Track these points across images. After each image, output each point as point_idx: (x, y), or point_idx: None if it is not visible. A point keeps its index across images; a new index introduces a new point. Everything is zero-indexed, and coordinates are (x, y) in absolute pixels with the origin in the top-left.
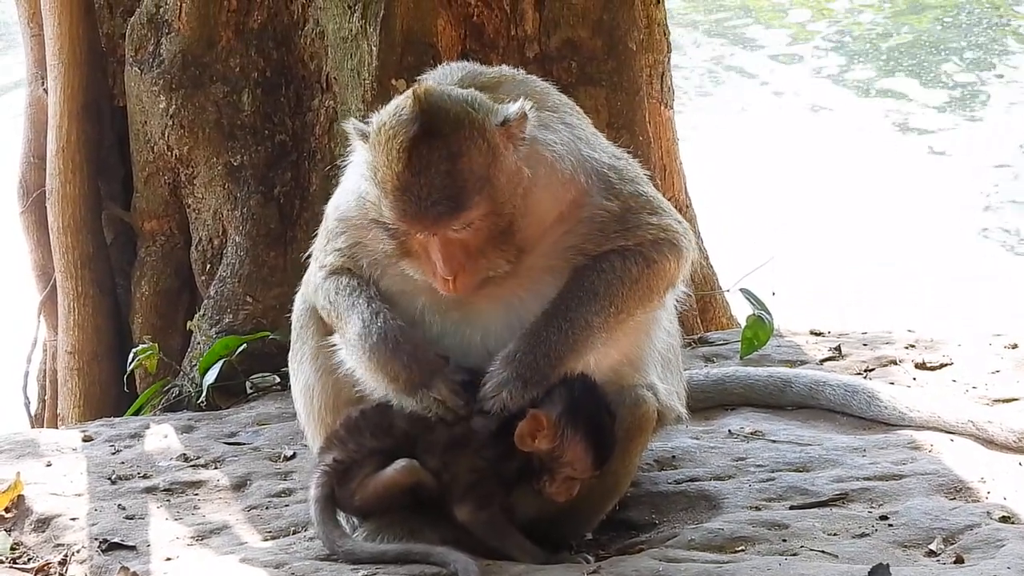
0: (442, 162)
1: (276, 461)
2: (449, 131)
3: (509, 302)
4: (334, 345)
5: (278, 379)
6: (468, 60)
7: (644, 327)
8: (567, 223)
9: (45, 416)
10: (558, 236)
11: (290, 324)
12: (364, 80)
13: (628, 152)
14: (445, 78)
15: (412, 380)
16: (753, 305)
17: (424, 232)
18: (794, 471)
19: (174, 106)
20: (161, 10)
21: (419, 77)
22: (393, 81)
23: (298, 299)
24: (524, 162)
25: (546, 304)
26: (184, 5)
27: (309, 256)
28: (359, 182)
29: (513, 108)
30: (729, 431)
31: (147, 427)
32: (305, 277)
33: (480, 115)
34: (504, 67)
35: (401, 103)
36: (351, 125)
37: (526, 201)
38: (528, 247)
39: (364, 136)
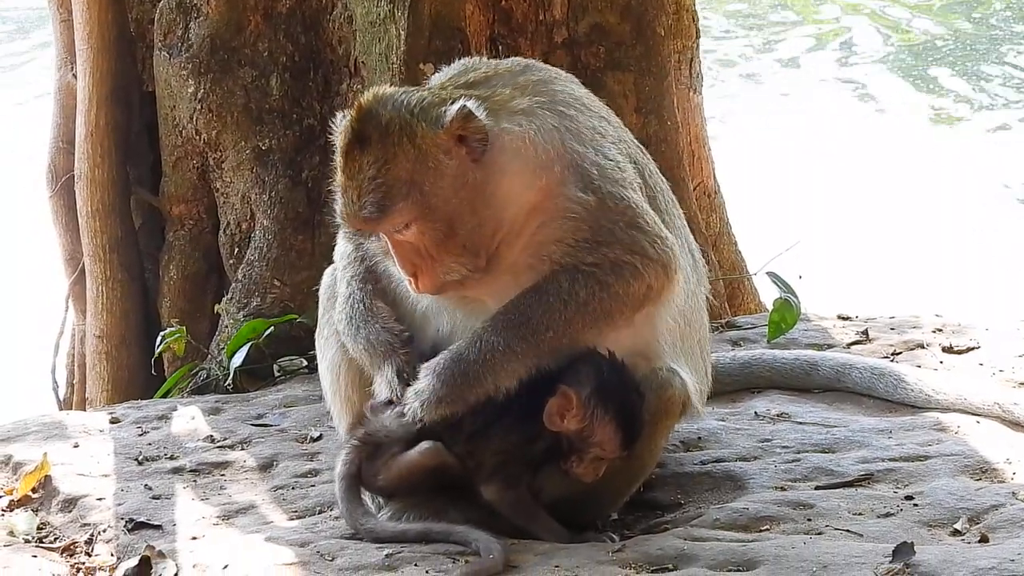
0: (369, 168)
1: (303, 442)
2: (377, 138)
3: (509, 296)
4: None
5: (305, 362)
6: (496, 45)
7: (649, 320)
8: (542, 215)
9: (74, 400)
10: (534, 229)
11: (317, 307)
12: (392, 64)
13: (656, 137)
14: (443, 76)
15: (373, 363)
16: (780, 289)
17: (358, 232)
18: (820, 452)
19: (202, 91)
20: None
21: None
22: (421, 65)
23: (326, 274)
24: (490, 155)
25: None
26: None
27: None
28: None
29: (452, 110)
30: (755, 413)
31: (174, 409)
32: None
33: (414, 121)
34: (514, 59)
35: (351, 109)
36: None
37: (481, 201)
38: (502, 246)
39: None
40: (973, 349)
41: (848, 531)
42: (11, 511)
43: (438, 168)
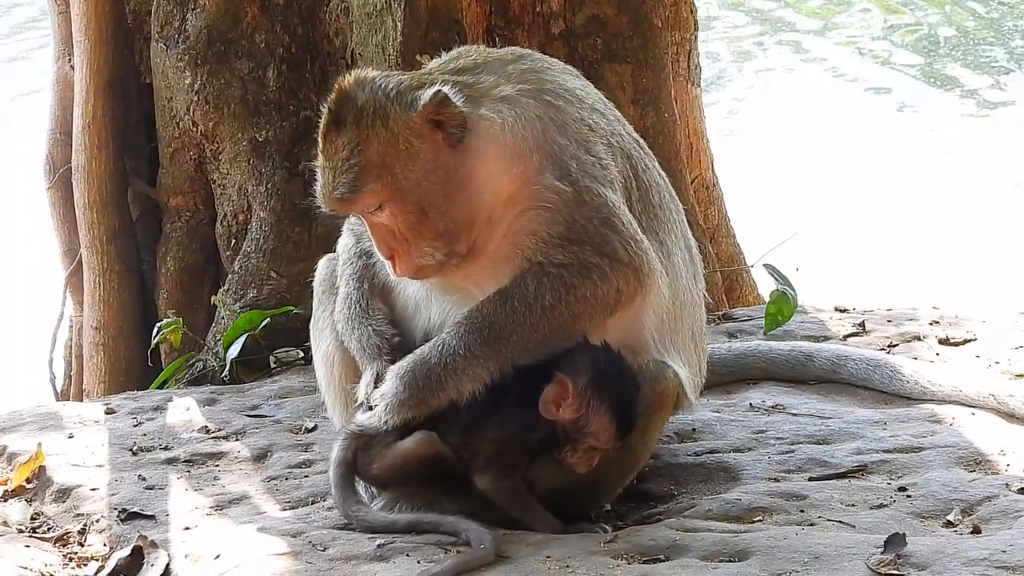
0: (343, 149)
1: (297, 433)
2: (352, 120)
3: (497, 282)
4: None
5: (301, 353)
6: (493, 36)
7: (643, 313)
8: (519, 204)
9: (71, 391)
10: (512, 218)
11: (313, 298)
12: (389, 56)
13: (654, 129)
14: (437, 62)
15: (361, 365)
16: (777, 281)
17: (333, 213)
18: (814, 444)
19: (199, 82)
20: None
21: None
22: (418, 57)
23: (321, 264)
24: (466, 141)
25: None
26: None
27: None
28: None
29: (426, 94)
30: (750, 404)
31: (170, 400)
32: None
33: (388, 104)
34: (510, 48)
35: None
36: None
37: (454, 186)
38: (481, 233)
39: None
40: (970, 341)
41: (841, 522)
42: (5, 501)
43: (409, 151)
